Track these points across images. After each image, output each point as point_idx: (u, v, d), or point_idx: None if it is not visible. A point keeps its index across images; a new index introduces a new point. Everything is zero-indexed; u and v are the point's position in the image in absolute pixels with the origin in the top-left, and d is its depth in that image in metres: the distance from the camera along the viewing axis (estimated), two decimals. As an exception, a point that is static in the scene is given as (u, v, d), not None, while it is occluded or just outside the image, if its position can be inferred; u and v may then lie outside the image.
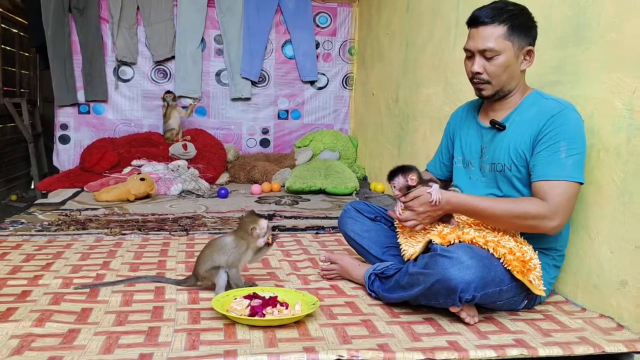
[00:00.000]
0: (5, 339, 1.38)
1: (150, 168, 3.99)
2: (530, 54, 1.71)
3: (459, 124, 1.94)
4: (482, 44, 1.67)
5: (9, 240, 2.45)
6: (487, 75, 1.69)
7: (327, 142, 4.71)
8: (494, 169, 1.75)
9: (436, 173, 2.04)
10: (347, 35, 5.04)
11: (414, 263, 1.64)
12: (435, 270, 1.52)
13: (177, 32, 4.75)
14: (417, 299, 1.62)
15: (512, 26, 1.65)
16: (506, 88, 1.72)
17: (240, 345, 1.39)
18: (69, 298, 1.70)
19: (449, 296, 1.52)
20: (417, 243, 1.74)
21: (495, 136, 1.76)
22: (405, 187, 1.73)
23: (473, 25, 1.71)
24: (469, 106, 1.95)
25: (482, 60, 1.69)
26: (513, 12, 1.67)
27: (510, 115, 1.74)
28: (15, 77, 6.04)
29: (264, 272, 2.07)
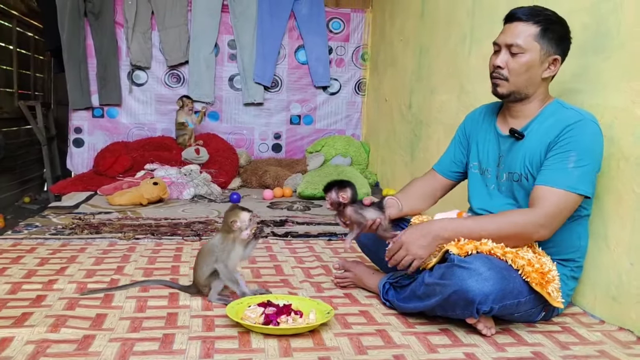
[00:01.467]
0: (21, 345, 1.38)
1: (163, 172, 4.01)
2: (556, 63, 1.68)
3: (476, 128, 1.91)
4: (511, 38, 1.66)
5: (23, 243, 2.47)
6: (507, 71, 1.68)
7: (339, 148, 4.70)
8: (511, 178, 1.73)
9: (443, 174, 2.00)
10: (360, 41, 5.03)
11: (430, 273, 1.62)
12: (453, 282, 1.50)
13: (191, 37, 4.78)
14: (433, 310, 1.61)
15: (544, 29, 1.64)
16: (523, 91, 1.69)
17: (255, 354, 1.38)
18: (84, 303, 1.70)
19: (466, 308, 1.50)
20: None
21: (514, 145, 1.73)
22: (336, 203, 1.74)
23: (508, 20, 1.71)
24: (486, 110, 1.92)
25: (507, 55, 1.67)
26: (550, 17, 1.66)
27: (530, 124, 1.71)
28: (30, 80, 6.10)
29: (278, 279, 2.07)
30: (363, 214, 1.77)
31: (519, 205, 1.72)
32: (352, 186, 1.77)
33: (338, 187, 1.76)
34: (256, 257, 2.36)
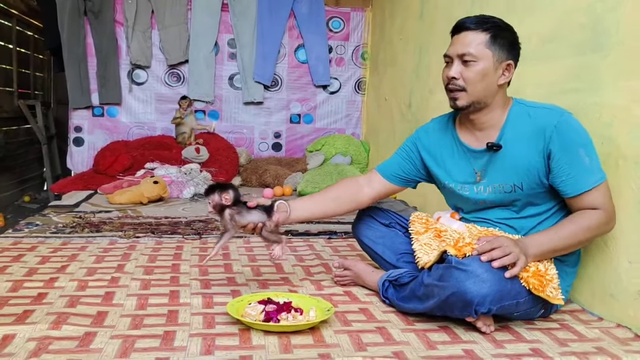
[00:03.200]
0: (23, 342, 1.38)
1: (163, 171, 4.02)
2: (510, 68, 1.66)
3: (434, 145, 1.85)
4: (462, 48, 1.64)
5: (24, 242, 2.48)
6: (463, 81, 1.66)
7: (339, 147, 4.71)
8: (501, 190, 1.70)
9: (387, 178, 1.93)
10: (360, 40, 5.04)
11: (429, 273, 1.62)
12: (450, 283, 1.50)
13: (191, 36, 4.78)
14: (432, 311, 1.61)
15: (494, 36, 1.63)
16: (482, 100, 1.66)
17: (255, 350, 1.39)
18: (85, 301, 1.71)
19: (464, 309, 1.51)
20: (431, 251, 1.73)
21: (493, 157, 1.70)
22: (219, 205, 1.72)
23: (456, 31, 1.70)
24: (439, 125, 1.88)
25: (460, 66, 1.65)
26: (498, 24, 1.66)
27: (502, 132, 1.69)
28: (30, 80, 6.10)
29: (278, 277, 2.07)
30: (244, 216, 1.72)
31: (521, 216, 1.72)
32: (234, 188, 1.73)
33: (220, 189, 1.71)
34: (256, 256, 2.37)
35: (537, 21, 2.22)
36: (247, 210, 1.73)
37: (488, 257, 1.50)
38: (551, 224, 1.67)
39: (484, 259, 1.50)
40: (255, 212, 1.74)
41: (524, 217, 1.72)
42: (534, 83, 2.18)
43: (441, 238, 1.76)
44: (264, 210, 1.75)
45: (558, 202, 1.70)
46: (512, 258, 1.50)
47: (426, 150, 1.87)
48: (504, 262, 1.50)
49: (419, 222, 1.90)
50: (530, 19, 2.26)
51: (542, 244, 1.58)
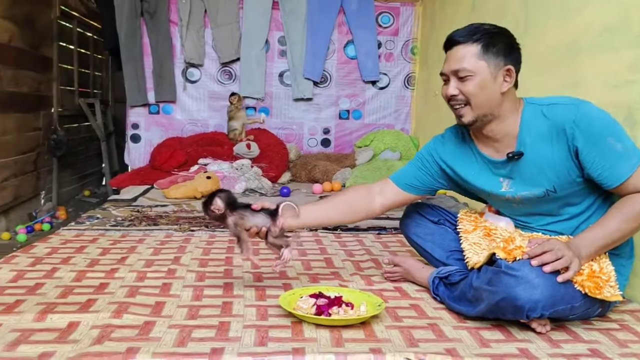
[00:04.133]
0: (87, 329, 1.46)
1: (216, 167, 4.11)
2: (511, 73, 1.57)
3: (452, 156, 1.79)
4: (455, 64, 1.59)
5: (86, 234, 2.60)
6: (463, 95, 1.60)
7: (388, 142, 4.68)
8: (533, 196, 1.64)
9: (402, 187, 1.86)
10: (409, 35, 4.99)
11: (478, 275, 1.59)
12: (500, 289, 1.46)
13: (243, 34, 4.86)
14: (484, 315, 1.57)
15: (486, 45, 1.56)
16: (488, 112, 1.60)
17: (307, 343, 1.41)
18: (144, 291, 1.78)
19: (515, 314, 1.47)
20: (481, 251, 1.69)
21: (517, 166, 1.63)
22: (217, 215, 1.67)
23: (448, 47, 1.63)
24: (455, 135, 1.80)
25: (457, 82, 1.60)
26: (489, 31, 1.58)
27: (520, 139, 1.61)
28: (89, 79, 6.37)
29: (328, 272, 2.09)
30: (248, 220, 1.67)
31: (559, 217, 1.66)
32: (222, 193, 1.69)
33: (208, 203, 1.67)
34: (306, 250, 2.39)
35: (597, 11, 2.13)
36: (251, 213, 1.67)
37: (539, 262, 1.45)
38: (596, 220, 1.58)
39: (535, 263, 1.45)
40: (259, 215, 1.68)
41: (566, 219, 1.66)
42: (594, 74, 2.10)
43: (491, 237, 1.72)
44: (269, 215, 1.69)
45: (598, 196, 1.62)
46: (565, 262, 1.44)
47: (444, 161, 1.81)
48: (556, 266, 1.44)
49: (467, 220, 1.87)
50: (590, 8, 2.18)
51: (593, 242, 1.51)
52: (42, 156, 4.87)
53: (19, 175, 4.43)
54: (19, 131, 4.43)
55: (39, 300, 1.65)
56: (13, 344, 1.34)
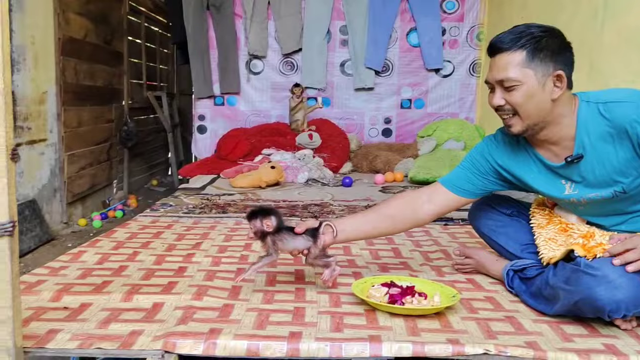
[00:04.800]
0: (171, 310, 1.52)
1: (279, 157, 4.18)
2: (561, 78, 1.47)
3: (507, 158, 1.69)
4: (499, 74, 1.49)
5: (161, 220, 2.70)
6: (510, 106, 1.50)
7: (451, 132, 4.59)
8: (599, 198, 1.54)
9: (454, 191, 1.77)
10: (475, 20, 4.86)
11: (554, 272, 1.53)
12: (579, 289, 1.40)
13: (305, 25, 4.89)
14: (563, 313, 1.52)
15: (532, 51, 1.45)
16: (539, 120, 1.50)
17: (383, 331, 1.41)
18: (220, 275, 1.84)
19: (595, 314, 1.41)
20: (557, 247, 1.62)
21: (578, 169, 1.54)
22: (260, 231, 1.63)
23: (491, 53, 1.53)
24: (508, 137, 1.69)
25: (502, 92, 1.50)
26: (534, 35, 1.46)
27: (578, 140, 1.51)
28: (156, 72, 6.60)
29: (397, 262, 2.08)
30: (288, 243, 1.63)
31: (628, 214, 1.56)
32: (277, 214, 1.65)
33: (262, 215, 1.64)
34: (374, 240, 2.39)
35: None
36: (292, 236, 1.64)
37: (622, 261, 1.38)
38: None
39: (617, 262, 1.38)
40: (300, 238, 1.64)
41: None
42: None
43: (567, 233, 1.65)
44: (310, 236, 1.65)
45: None
46: None
47: (499, 164, 1.71)
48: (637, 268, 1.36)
49: (540, 214, 1.80)
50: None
51: None
52: (114, 147, 5.10)
53: (94, 165, 4.66)
54: (94, 123, 4.66)
55: (124, 282, 1.74)
56: (105, 322, 1.42)
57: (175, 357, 1.28)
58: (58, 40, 3.95)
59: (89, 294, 1.62)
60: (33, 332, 1.34)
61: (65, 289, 1.66)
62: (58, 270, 1.87)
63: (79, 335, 1.33)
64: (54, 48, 3.92)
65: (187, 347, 1.30)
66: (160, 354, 1.28)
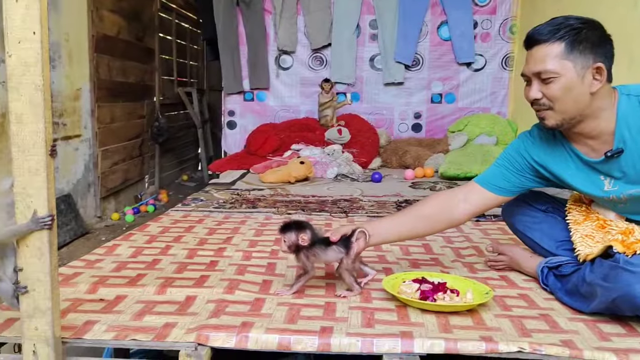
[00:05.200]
0: (203, 303, 1.54)
1: (308, 152, 4.18)
2: (601, 71, 1.42)
3: (544, 155, 1.65)
4: (536, 66, 1.45)
5: (192, 215, 2.74)
6: (547, 99, 1.46)
7: (483, 127, 4.52)
8: None
9: (490, 189, 1.73)
10: (508, 13, 4.76)
11: (592, 268, 1.49)
12: (617, 285, 1.36)
13: (334, 20, 4.87)
14: (599, 311, 1.48)
15: (571, 43, 1.41)
16: (576, 114, 1.46)
17: (414, 327, 1.40)
18: (251, 270, 1.85)
19: (634, 312, 1.37)
20: (594, 244, 1.58)
21: (617, 164, 1.49)
22: (294, 245, 1.59)
23: (529, 45, 1.49)
24: (545, 133, 1.64)
25: (540, 85, 1.46)
26: (573, 27, 1.42)
27: (618, 134, 1.47)
28: (187, 69, 6.68)
29: (428, 258, 2.06)
30: (320, 257, 1.61)
31: None
32: (312, 228, 1.61)
33: (297, 228, 1.59)
34: (404, 235, 2.37)
35: None
36: (324, 250, 1.62)
37: None
38: None
39: None
40: (331, 251, 1.62)
41: None
42: None
43: (605, 229, 1.61)
44: (343, 246, 1.62)
45: None
46: None
47: (536, 161, 1.67)
48: None
49: (577, 211, 1.75)
50: None
51: None
52: (146, 142, 5.19)
53: (126, 160, 4.75)
54: (127, 119, 4.74)
55: (157, 275, 1.77)
56: (139, 314, 1.45)
57: (208, 349, 1.30)
58: (92, 37, 4.03)
59: (124, 286, 1.66)
60: (70, 323, 1.38)
61: (101, 281, 1.70)
62: (94, 263, 1.91)
63: (114, 327, 1.36)
64: (87, 45, 4.00)
65: (220, 340, 1.31)
66: (194, 346, 1.29)
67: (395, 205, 3.02)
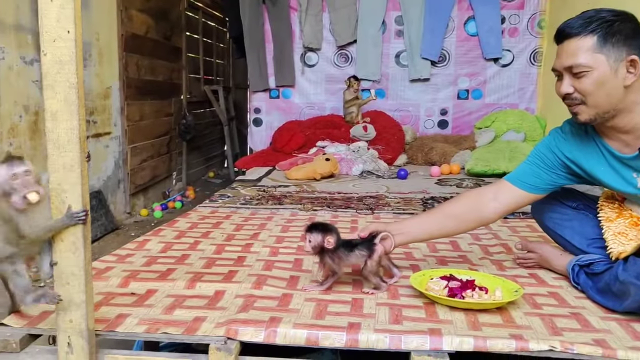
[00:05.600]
0: (232, 298, 1.55)
1: (333, 149, 4.18)
2: (635, 64, 1.39)
3: (575, 152, 1.62)
4: (567, 60, 1.42)
5: (220, 211, 2.77)
6: (579, 94, 1.43)
7: (511, 123, 4.46)
8: None
9: (521, 187, 1.70)
10: (537, 7, 4.68)
11: (625, 267, 1.46)
12: None
13: (359, 16, 4.86)
14: (633, 310, 1.45)
15: (604, 36, 1.38)
16: (609, 109, 1.43)
17: (443, 325, 1.39)
18: (278, 265, 1.86)
19: None
20: (627, 241, 1.55)
21: None
22: (319, 246, 1.57)
23: (559, 40, 1.46)
24: (576, 129, 1.61)
25: (571, 79, 1.43)
26: (606, 19, 1.39)
27: None
28: (213, 67, 6.74)
29: (455, 255, 2.05)
30: (344, 261, 1.61)
31: None
32: (337, 232, 1.61)
33: (324, 231, 1.58)
34: (432, 233, 2.36)
35: None
36: (346, 253, 1.62)
37: None
38: None
39: None
40: (353, 254, 1.62)
41: None
42: None
43: (639, 227, 1.57)
44: (365, 248, 1.62)
45: None
46: None
47: (567, 158, 1.65)
48: None
49: (609, 208, 1.71)
50: None
51: None
52: (173, 140, 5.27)
53: (155, 157, 4.82)
54: (155, 117, 4.82)
55: (187, 270, 1.79)
56: (170, 307, 1.47)
57: (237, 343, 1.31)
58: (121, 36, 4.10)
59: (154, 280, 1.69)
60: (103, 316, 1.41)
61: (132, 275, 1.73)
62: (125, 257, 1.95)
63: (146, 320, 1.39)
64: (117, 44, 4.07)
65: (249, 334, 1.32)
66: (223, 340, 1.31)
67: (422, 202, 3.00)
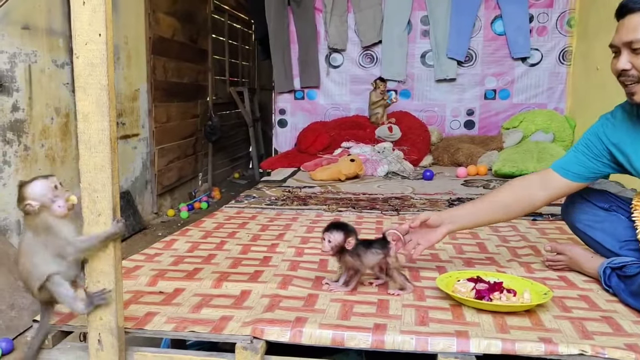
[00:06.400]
0: (258, 297, 1.56)
1: (358, 150, 4.17)
2: None
3: (624, 139, 1.58)
4: (628, 35, 1.39)
5: (245, 211, 2.79)
6: (636, 71, 1.40)
7: (539, 123, 4.38)
8: None
9: (566, 176, 1.69)
10: (566, 5, 4.59)
11: None
12: None
13: (385, 16, 4.84)
14: None
15: None
16: None
17: (470, 327, 1.38)
18: (304, 266, 1.87)
19: None
20: None
21: None
22: (339, 246, 1.55)
23: (620, 15, 1.43)
24: (628, 115, 1.58)
25: (629, 55, 1.40)
26: None
27: None
28: (238, 68, 6.79)
29: (483, 257, 2.02)
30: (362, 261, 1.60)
31: None
32: (355, 232, 1.60)
33: (345, 231, 1.57)
34: (457, 234, 2.33)
35: None
36: (365, 253, 1.60)
37: None
38: None
39: None
40: (369, 253, 1.60)
41: None
42: None
43: None
44: (380, 246, 1.62)
45: None
46: None
47: (615, 145, 1.62)
48: None
49: None
50: None
51: None
52: (199, 141, 5.32)
53: (181, 158, 4.89)
54: (181, 118, 4.88)
55: (213, 269, 1.81)
56: (197, 306, 1.49)
57: (263, 343, 1.32)
58: (149, 39, 4.17)
59: (182, 279, 1.71)
60: (132, 314, 1.43)
61: (160, 274, 1.76)
62: (153, 257, 1.98)
63: (174, 319, 1.41)
64: (144, 47, 4.14)
65: (275, 334, 1.33)
66: (249, 339, 1.32)
67: (448, 204, 2.97)
